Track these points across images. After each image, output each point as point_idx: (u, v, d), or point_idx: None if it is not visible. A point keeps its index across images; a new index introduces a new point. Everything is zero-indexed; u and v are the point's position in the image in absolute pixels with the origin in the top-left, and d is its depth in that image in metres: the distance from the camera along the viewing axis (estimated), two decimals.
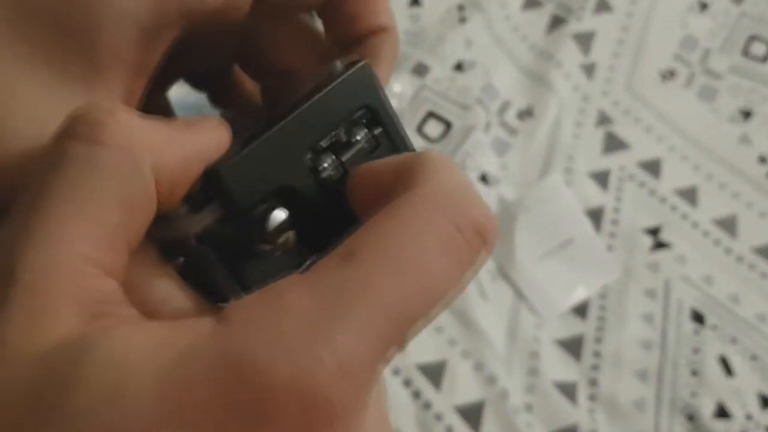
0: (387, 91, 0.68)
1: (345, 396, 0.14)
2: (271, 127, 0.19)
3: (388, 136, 0.21)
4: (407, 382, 0.62)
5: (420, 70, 0.77)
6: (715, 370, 0.66)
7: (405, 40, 0.79)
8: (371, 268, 0.15)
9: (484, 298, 0.66)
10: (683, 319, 0.68)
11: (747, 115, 0.78)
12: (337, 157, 0.20)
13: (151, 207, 0.17)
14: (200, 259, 0.19)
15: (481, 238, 0.17)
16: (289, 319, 0.15)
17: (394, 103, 0.73)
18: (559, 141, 0.75)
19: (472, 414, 0.61)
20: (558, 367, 0.65)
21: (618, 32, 0.81)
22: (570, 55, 0.79)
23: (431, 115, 0.75)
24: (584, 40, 0.80)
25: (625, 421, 0.63)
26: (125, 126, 0.16)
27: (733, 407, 0.64)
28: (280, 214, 0.19)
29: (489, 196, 0.71)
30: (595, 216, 0.72)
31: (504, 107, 0.77)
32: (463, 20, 0.80)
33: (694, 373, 0.66)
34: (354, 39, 0.23)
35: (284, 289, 0.15)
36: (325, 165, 0.20)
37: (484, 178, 0.72)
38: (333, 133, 0.20)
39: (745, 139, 0.77)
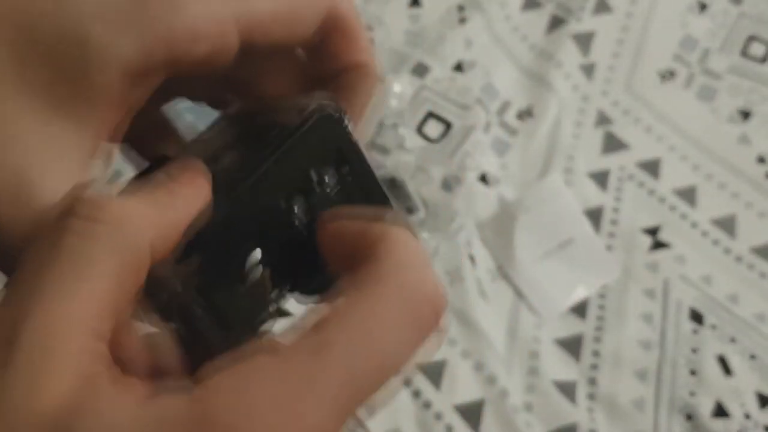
0: (386, 91, 0.68)
1: None
2: (245, 180, 0.21)
3: (356, 175, 0.23)
4: (407, 382, 0.63)
5: (420, 70, 0.77)
6: (714, 369, 0.66)
7: (405, 40, 0.79)
8: (337, 355, 0.17)
9: (484, 298, 0.66)
10: (682, 319, 0.68)
11: (746, 115, 0.78)
12: (306, 201, 0.22)
13: (142, 275, 0.19)
14: (183, 302, 0.20)
15: (435, 314, 0.18)
16: (261, 400, 0.16)
17: (394, 103, 0.73)
18: (559, 141, 0.75)
19: (471, 413, 0.62)
20: (557, 366, 0.66)
21: (617, 32, 0.82)
22: (570, 55, 0.79)
23: (431, 115, 0.75)
24: (584, 41, 0.80)
25: (625, 421, 0.64)
26: (121, 206, 0.18)
27: (731, 406, 0.64)
28: (255, 256, 0.21)
29: (489, 196, 0.72)
30: (595, 216, 0.72)
31: (504, 107, 0.77)
32: (463, 20, 0.80)
33: (693, 372, 0.66)
34: (335, 73, 0.24)
35: (258, 366, 0.17)
36: (296, 209, 0.22)
37: (484, 178, 0.72)
38: (304, 181, 0.22)
39: (744, 139, 0.77)
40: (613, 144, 0.76)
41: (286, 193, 0.21)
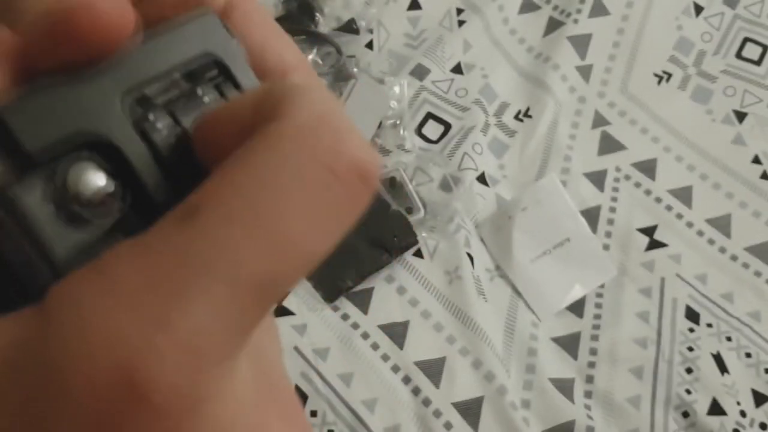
0: (385, 93, 0.68)
1: (193, 386, 0.12)
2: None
3: (241, 91, 0.18)
4: (407, 379, 0.63)
5: (419, 71, 0.77)
6: (709, 367, 0.67)
7: (405, 42, 0.80)
8: (219, 227, 0.13)
9: (483, 296, 0.67)
10: (678, 317, 0.69)
11: (741, 116, 0.79)
12: (172, 116, 0.16)
13: None
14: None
15: (361, 179, 0.14)
16: (114, 300, 0.12)
17: (394, 104, 0.74)
18: (556, 142, 0.76)
19: (470, 410, 0.62)
20: (555, 364, 0.66)
21: (614, 35, 0.82)
22: (567, 57, 0.80)
23: (430, 116, 0.76)
24: (581, 43, 0.81)
25: (621, 418, 0.64)
26: None
27: (727, 404, 0.65)
28: (91, 172, 0.15)
29: (487, 196, 0.72)
30: (592, 216, 0.73)
31: (502, 108, 0.78)
32: (461, 23, 0.81)
33: (689, 370, 0.67)
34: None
35: (111, 260, 0.13)
36: (158, 124, 0.16)
37: (482, 179, 0.73)
38: (167, 84, 0.17)
39: (739, 140, 0.78)
40: (609, 145, 0.77)
41: (138, 102, 0.16)
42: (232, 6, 0.19)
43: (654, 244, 0.72)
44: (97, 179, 0.15)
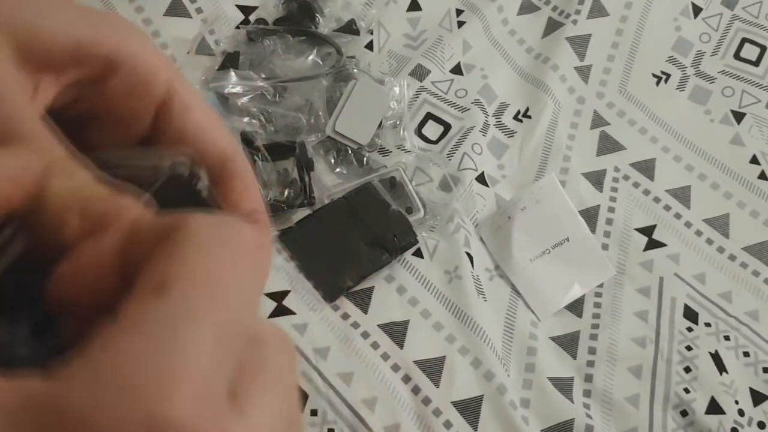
0: (385, 93, 0.67)
1: (205, 417, 0.15)
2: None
3: None
4: (406, 378, 0.63)
5: (419, 72, 0.78)
6: (708, 366, 0.67)
7: (404, 43, 0.80)
8: (190, 292, 0.16)
9: (482, 296, 0.67)
10: (676, 317, 0.69)
11: (739, 116, 0.79)
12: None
13: None
14: None
15: (260, 222, 0.18)
16: (124, 364, 0.15)
17: (394, 105, 0.74)
18: (555, 142, 0.76)
19: (470, 409, 0.63)
20: (554, 363, 0.67)
21: (613, 35, 0.83)
22: (566, 58, 0.80)
23: (430, 116, 0.76)
24: (580, 44, 0.82)
25: (620, 417, 0.65)
26: None
27: (725, 403, 0.65)
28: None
29: (486, 196, 0.73)
30: (591, 216, 0.73)
31: (501, 109, 0.78)
32: (461, 24, 0.81)
33: (688, 369, 0.67)
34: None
35: (105, 339, 0.15)
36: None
37: (481, 179, 0.73)
38: None
39: (737, 140, 0.78)
40: (608, 145, 0.77)
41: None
42: (172, 97, 0.23)
43: (652, 244, 0.72)
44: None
